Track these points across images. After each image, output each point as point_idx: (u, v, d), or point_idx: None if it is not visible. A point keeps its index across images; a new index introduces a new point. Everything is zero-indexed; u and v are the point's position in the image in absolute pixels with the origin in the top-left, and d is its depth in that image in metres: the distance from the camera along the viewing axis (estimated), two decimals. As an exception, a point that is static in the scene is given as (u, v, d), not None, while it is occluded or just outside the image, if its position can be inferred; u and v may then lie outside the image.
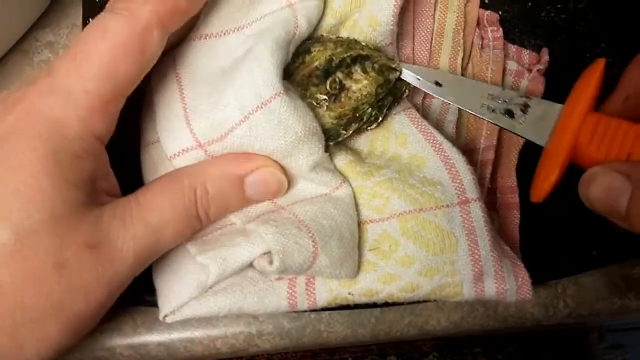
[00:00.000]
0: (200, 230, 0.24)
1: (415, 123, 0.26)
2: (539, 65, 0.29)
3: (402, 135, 0.26)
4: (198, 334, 0.27)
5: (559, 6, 0.31)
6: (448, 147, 0.25)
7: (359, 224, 0.24)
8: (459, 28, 0.29)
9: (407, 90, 0.26)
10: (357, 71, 0.25)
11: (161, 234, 0.21)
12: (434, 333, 0.27)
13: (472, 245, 0.23)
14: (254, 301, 0.24)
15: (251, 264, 0.23)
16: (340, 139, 0.25)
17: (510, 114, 0.25)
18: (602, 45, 0.30)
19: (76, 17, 0.33)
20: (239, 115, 0.22)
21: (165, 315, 0.24)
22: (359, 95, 0.24)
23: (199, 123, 0.23)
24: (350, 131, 0.25)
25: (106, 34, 0.20)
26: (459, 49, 0.29)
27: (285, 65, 0.23)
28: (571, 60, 0.30)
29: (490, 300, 0.27)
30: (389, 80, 0.25)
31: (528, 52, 0.30)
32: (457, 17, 0.30)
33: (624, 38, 0.27)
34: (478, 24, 0.30)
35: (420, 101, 0.28)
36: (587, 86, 0.23)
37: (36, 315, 0.18)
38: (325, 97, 0.24)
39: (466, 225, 0.23)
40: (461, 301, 0.24)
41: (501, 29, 0.30)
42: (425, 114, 0.28)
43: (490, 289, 0.24)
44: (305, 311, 0.25)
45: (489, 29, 0.30)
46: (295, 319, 0.27)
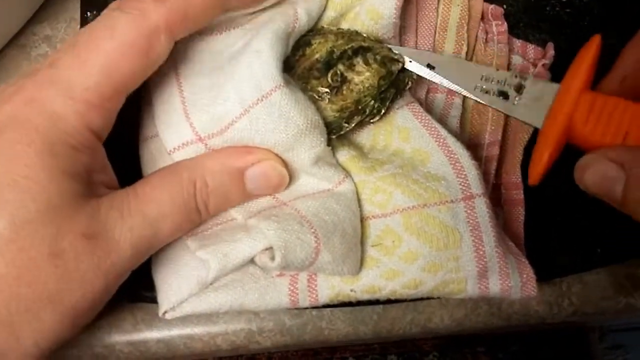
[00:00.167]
0: (199, 224, 0.23)
1: (419, 117, 0.25)
2: (543, 59, 0.29)
3: (405, 130, 0.25)
4: (198, 330, 0.27)
5: (563, 0, 0.31)
6: (452, 142, 0.24)
7: (361, 220, 0.24)
8: (463, 22, 0.29)
9: (410, 82, 0.26)
10: (359, 63, 0.24)
11: (159, 226, 0.21)
12: (437, 330, 0.27)
13: (477, 241, 0.23)
14: (254, 297, 0.24)
15: (252, 260, 0.23)
16: (342, 132, 0.25)
17: (504, 95, 0.24)
18: (608, 40, 0.30)
19: (74, 11, 0.32)
20: (239, 109, 0.22)
21: (165, 311, 0.24)
22: (361, 87, 0.24)
23: (199, 117, 0.23)
24: (353, 124, 0.24)
25: (113, 32, 0.20)
26: (463, 42, 0.29)
27: (284, 57, 0.23)
28: (576, 54, 0.29)
29: (494, 298, 0.27)
30: (391, 71, 0.25)
31: (533, 47, 0.30)
32: (461, 11, 0.29)
33: (630, 32, 0.27)
34: (482, 18, 0.30)
35: (423, 95, 0.28)
36: (582, 65, 0.22)
37: (32, 305, 0.18)
38: (326, 90, 0.24)
39: (470, 221, 0.23)
40: (465, 298, 0.24)
41: (505, 23, 0.30)
42: (428, 108, 0.28)
43: (495, 286, 0.23)
44: (306, 308, 0.25)
45: (493, 23, 0.30)
46: (296, 315, 0.27)
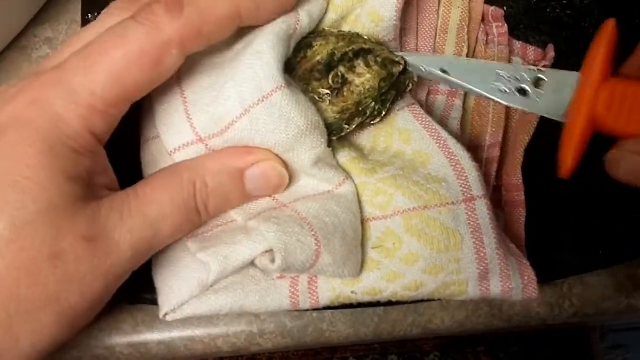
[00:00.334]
0: (199, 225, 0.23)
1: (419, 119, 0.25)
2: (544, 61, 0.29)
3: (406, 132, 0.25)
4: (199, 332, 0.27)
5: (564, 2, 0.31)
6: (452, 144, 0.24)
7: (362, 222, 0.24)
8: (463, 24, 0.29)
9: (411, 84, 0.26)
10: (360, 65, 0.24)
11: (159, 227, 0.21)
12: (438, 332, 0.27)
13: (478, 243, 0.23)
14: (255, 300, 0.24)
15: (252, 262, 0.23)
16: (342, 134, 0.25)
17: (523, 92, 0.24)
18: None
19: (75, 13, 0.32)
20: (240, 109, 0.22)
21: (166, 314, 0.24)
22: (362, 89, 0.24)
23: (199, 117, 0.23)
24: (353, 126, 0.25)
25: (124, 41, 0.20)
26: (463, 44, 0.29)
27: (286, 59, 0.23)
28: (577, 56, 0.29)
29: (495, 299, 0.27)
30: (392, 73, 0.25)
31: (533, 48, 0.30)
32: (462, 13, 0.29)
33: (630, 35, 0.27)
34: (482, 20, 0.30)
35: (424, 97, 0.28)
36: (599, 51, 0.22)
37: (31, 306, 0.18)
38: (327, 92, 0.24)
39: (471, 223, 0.23)
40: (466, 299, 0.24)
41: (506, 25, 0.30)
42: (429, 110, 0.28)
43: (496, 287, 0.23)
44: (307, 310, 0.25)
45: (494, 25, 0.30)
46: (297, 317, 0.27)
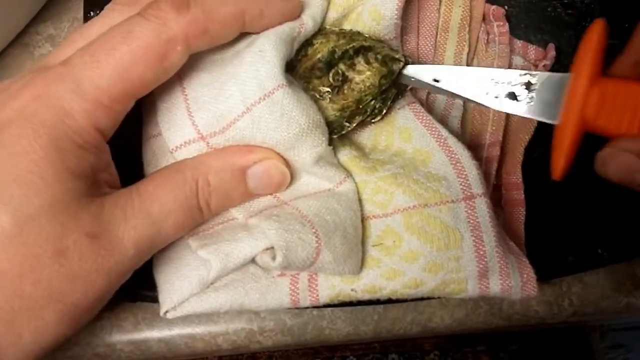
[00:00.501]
0: (201, 223, 0.23)
1: (420, 117, 0.25)
2: (545, 60, 0.29)
3: (406, 130, 0.25)
4: (199, 330, 0.27)
5: (565, 1, 0.31)
6: (453, 142, 0.24)
7: (362, 220, 0.24)
8: (464, 22, 0.29)
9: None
10: (360, 62, 0.24)
11: (162, 225, 0.21)
12: (437, 330, 0.27)
13: (477, 241, 0.23)
14: (255, 297, 0.24)
15: (253, 260, 0.23)
16: (343, 132, 0.25)
17: (514, 96, 0.24)
18: (610, 41, 0.30)
19: (77, 11, 0.32)
20: (241, 107, 0.22)
21: (166, 311, 0.24)
22: (362, 87, 0.24)
23: (201, 115, 0.23)
24: (354, 124, 0.25)
25: (130, 36, 0.20)
26: (464, 43, 0.29)
27: (288, 59, 0.23)
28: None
29: (494, 298, 0.27)
30: (392, 70, 0.25)
31: (534, 48, 0.30)
32: (463, 12, 0.29)
33: (631, 34, 0.27)
34: (483, 19, 0.30)
35: (424, 96, 0.28)
36: (588, 51, 0.22)
37: (34, 303, 0.18)
38: (327, 89, 0.24)
39: (471, 221, 0.23)
40: (465, 298, 0.24)
41: (507, 24, 0.30)
42: (429, 108, 0.28)
43: (495, 285, 0.23)
44: (307, 308, 0.25)
45: (495, 24, 0.30)
46: (297, 315, 0.27)
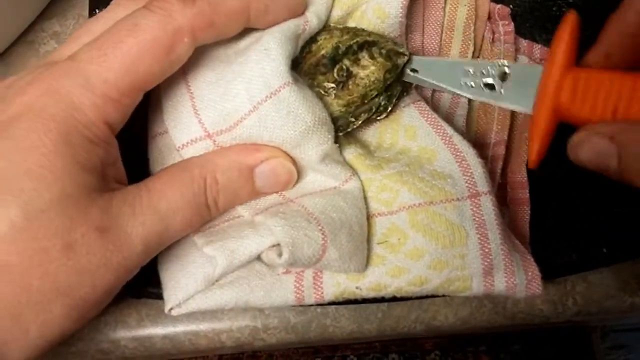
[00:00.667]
0: (208, 220, 0.23)
1: (425, 115, 0.25)
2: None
3: (411, 128, 0.25)
4: (203, 327, 0.27)
5: (570, 0, 0.30)
6: (458, 140, 0.24)
7: (367, 217, 0.24)
8: (470, 21, 0.29)
9: None
10: (364, 57, 0.24)
11: (170, 222, 0.21)
12: (441, 329, 0.27)
13: (482, 238, 0.23)
14: (260, 295, 0.24)
15: (258, 257, 0.23)
16: (349, 129, 0.25)
17: (490, 86, 0.24)
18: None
19: (82, 8, 0.32)
20: (248, 105, 0.22)
21: (171, 308, 0.24)
22: (367, 82, 0.24)
23: (207, 113, 0.23)
24: (360, 120, 0.25)
25: (137, 28, 0.20)
26: (469, 42, 0.29)
27: (293, 57, 0.23)
28: (582, 54, 0.29)
29: (498, 296, 0.27)
30: (397, 64, 0.25)
31: (539, 47, 0.30)
32: (468, 11, 0.29)
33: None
34: (489, 18, 0.30)
35: (429, 94, 0.28)
36: (561, 42, 0.22)
37: (42, 297, 0.18)
38: (332, 85, 0.24)
39: (476, 219, 0.23)
40: (470, 296, 0.24)
41: (512, 23, 0.30)
42: (434, 107, 0.28)
43: (500, 283, 0.23)
44: (311, 305, 0.25)
45: (500, 23, 0.30)
46: (301, 313, 0.27)
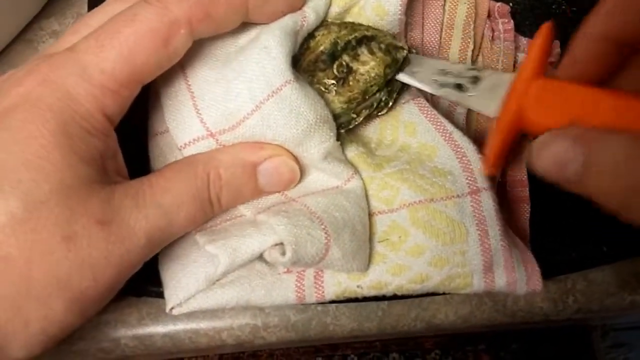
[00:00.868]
0: (211, 217, 0.23)
1: (424, 112, 0.25)
2: (550, 57, 0.29)
3: (411, 124, 0.25)
4: (203, 325, 0.27)
5: (569, -2, 0.31)
6: (458, 136, 0.24)
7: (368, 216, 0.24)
8: (470, 19, 0.29)
9: None
10: (364, 52, 0.24)
11: (173, 217, 0.21)
12: (442, 327, 0.27)
13: (482, 234, 0.23)
14: (261, 294, 0.24)
15: (259, 257, 0.23)
16: (351, 126, 0.25)
17: (459, 87, 0.24)
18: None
19: (81, 6, 0.32)
20: (251, 105, 0.22)
21: (172, 308, 0.24)
22: (367, 77, 0.24)
23: (209, 112, 0.23)
24: (361, 117, 0.25)
25: (134, 19, 0.20)
26: (469, 40, 0.29)
27: (293, 54, 0.23)
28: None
29: (498, 294, 0.27)
30: (396, 59, 0.25)
31: (539, 45, 0.30)
32: (468, 9, 0.29)
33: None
34: (488, 16, 0.30)
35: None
36: (531, 52, 0.22)
37: (42, 290, 0.18)
38: (333, 82, 0.24)
39: (476, 215, 0.23)
40: (470, 293, 0.24)
41: (512, 21, 0.30)
42: (434, 104, 0.28)
43: (500, 279, 0.23)
44: (312, 304, 0.25)
45: (500, 21, 0.30)
46: (301, 311, 0.27)
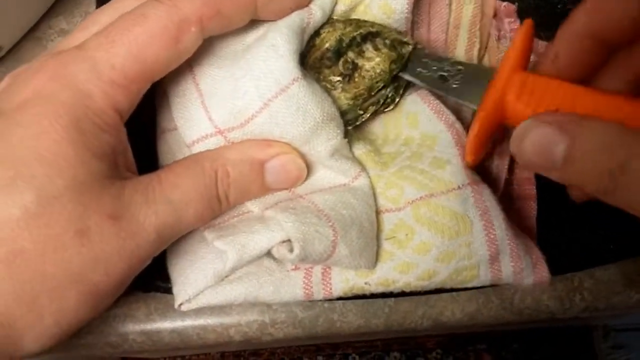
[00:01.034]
0: (218, 214, 0.24)
1: (427, 101, 0.25)
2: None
3: (413, 114, 0.26)
4: (211, 321, 0.27)
5: (574, -3, 0.31)
6: (460, 127, 0.24)
7: (376, 214, 0.24)
8: (476, 19, 0.29)
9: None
10: (369, 49, 0.25)
11: (182, 213, 0.21)
12: (449, 325, 0.27)
13: (487, 224, 0.23)
14: (269, 290, 0.24)
15: (267, 253, 0.23)
16: (358, 123, 0.25)
17: (443, 78, 0.25)
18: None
19: (89, 5, 0.33)
20: (259, 103, 0.22)
21: (181, 304, 0.24)
22: (373, 74, 0.24)
23: (217, 110, 0.23)
24: (368, 113, 0.25)
25: (144, 18, 0.20)
26: (475, 39, 0.29)
27: (300, 51, 0.23)
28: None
29: (505, 292, 0.27)
30: (402, 54, 0.25)
31: (544, 44, 0.30)
32: (474, 8, 0.29)
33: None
34: (494, 15, 0.30)
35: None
36: (513, 46, 0.22)
37: (56, 284, 0.18)
38: (338, 78, 0.24)
39: (479, 205, 0.23)
40: (477, 285, 0.24)
41: (518, 20, 0.30)
42: (441, 101, 0.28)
43: (507, 268, 0.23)
44: (319, 300, 0.25)
45: (506, 20, 0.30)
46: (309, 307, 0.27)
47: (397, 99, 0.25)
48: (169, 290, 0.25)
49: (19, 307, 0.18)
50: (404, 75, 0.25)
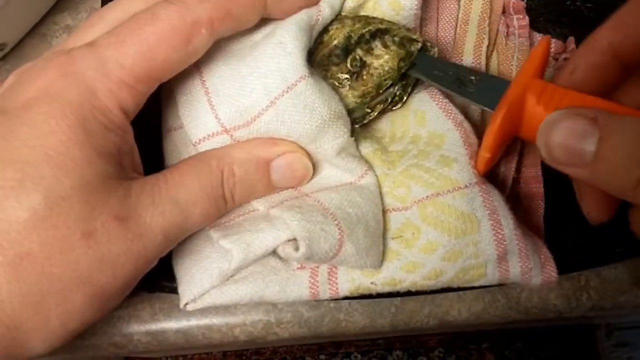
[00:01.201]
0: (224, 213, 0.23)
1: (435, 100, 0.25)
2: (564, 53, 0.29)
3: (421, 113, 0.25)
4: (216, 321, 0.27)
5: (582, -7, 0.30)
6: (468, 125, 0.24)
7: (382, 212, 0.24)
8: (485, 15, 0.29)
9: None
10: (377, 46, 0.24)
11: (189, 213, 0.21)
12: (455, 324, 0.27)
13: (495, 224, 0.23)
14: (275, 290, 0.24)
15: (273, 252, 0.23)
16: (365, 121, 0.25)
17: (460, 82, 0.24)
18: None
19: (95, 1, 0.32)
20: (266, 101, 0.22)
21: (186, 303, 0.24)
22: (381, 71, 0.24)
23: (224, 108, 0.23)
24: (376, 112, 0.24)
25: (155, 18, 0.20)
26: (484, 36, 0.29)
27: (308, 49, 0.23)
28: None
29: (512, 291, 0.27)
30: (411, 52, 0.24)
31: (554, 41, 0.29)
32: (483, 4, 0.29)
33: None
34: (503, 12, 0.30)
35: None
36: (532, 59, 0.22)
37: (63, 286, 0.18)
38: (346, 76, 0.24)
39: (487, 205, 0.23)
40: (484, 284, 0.24)
41: (527, 17, 0.30)
42: (449, 99, 0.28)
43: (515, 268, 0.23)
44: (325, 300, 0.25)
45: (515, 17, 0.30)
46: (314, 307, 0.27)
47: (405, 97, 0.25)
48: (174, 290, 0.25)
49: (26, 310, 0.18)
50: (415, 73, 0.25)
